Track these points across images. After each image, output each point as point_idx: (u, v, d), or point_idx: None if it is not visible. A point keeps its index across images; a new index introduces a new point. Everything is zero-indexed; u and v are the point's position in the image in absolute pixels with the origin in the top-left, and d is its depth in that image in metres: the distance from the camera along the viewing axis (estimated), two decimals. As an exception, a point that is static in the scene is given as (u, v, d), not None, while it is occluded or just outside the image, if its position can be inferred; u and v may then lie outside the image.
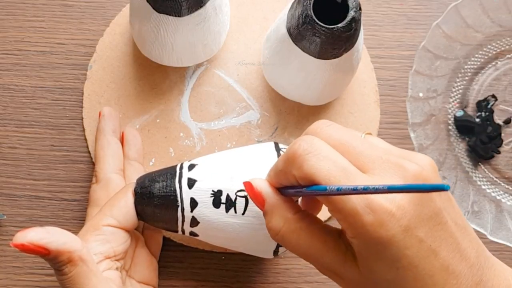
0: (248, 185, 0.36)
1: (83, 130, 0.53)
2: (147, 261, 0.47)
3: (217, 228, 0.42)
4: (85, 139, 0.53)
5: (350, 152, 0.33)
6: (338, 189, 0.31)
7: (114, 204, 0.44)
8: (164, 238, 0.51)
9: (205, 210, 0.42)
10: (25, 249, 0.36)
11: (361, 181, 0.32)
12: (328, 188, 0.31)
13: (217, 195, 0.42)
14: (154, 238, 0.49)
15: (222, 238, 0.43)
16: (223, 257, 0.52)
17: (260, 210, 0.37)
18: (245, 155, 0.44)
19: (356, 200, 0.31)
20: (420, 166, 0.32)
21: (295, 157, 0.33)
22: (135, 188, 0.44)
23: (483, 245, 0.35)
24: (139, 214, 0.44)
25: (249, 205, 0.41)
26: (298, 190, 0.34)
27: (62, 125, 0.54)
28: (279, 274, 0.52)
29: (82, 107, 0.54)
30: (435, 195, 0.32)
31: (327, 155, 0.32)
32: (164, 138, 0.53)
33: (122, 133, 0.52)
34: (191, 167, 0.44)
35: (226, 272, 0.51)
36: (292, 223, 0.35)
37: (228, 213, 0.42)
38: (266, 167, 0.42)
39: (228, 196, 0.42)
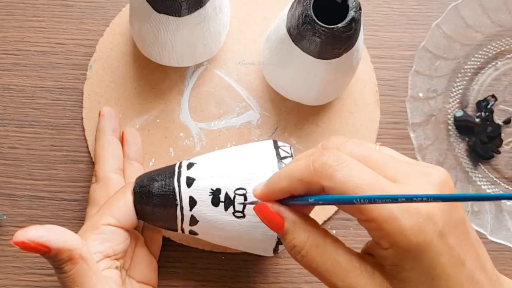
0: (262, 207, 0.35)
1: (83, 130, 0.53)
2: (146, 260, 0.47)
3: (216, 226, 0.42)
4: (85, 139, 0.53)
5: (374, 165, 0.33)
6: (372, 198, 0.30)
7: (114, 203, 0.44)
8: (164, 238, 0.51)
9: (204, 209, 0.42)
10: (25, 247, 0.36)
11: (395, 189, 0.31)
12: (357, 197, 0.31)
13: (215, 193, 0.42)
14: (154, 238, 0.49)
15: (222, 236, 0.43)
16: (223, 257, 0.52)
17: None
18: (244, 153, 0.44)
19: (392, 206, 0.30)
20: (444, 174, 0.33)
21: (325, 168, 0.32)
22: (134, 187, 0.44)
23: None
24: (139, 213, 0.44)
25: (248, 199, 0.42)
26: (319, 198, 0.33)
27: (62, 125, 0.54)
28: (279, 274, 0.52)
29: (82, 107, 0.54)
30: (459, 204, 0.32)
31: (357, 166, 0.32)
32: (164, 138, 0.53)
33: (122, 133, 0.52)
34: (189, 165, 0.44)
35: (226, 272, 0.51)
36: (317, 237, 0.34)
37: (227, 211, 0.42)
38: (265, 165, 0.42)
39: (227, 194, 0.42)
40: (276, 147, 0.44)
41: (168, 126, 0.53)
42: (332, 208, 0.52)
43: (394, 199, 0.29)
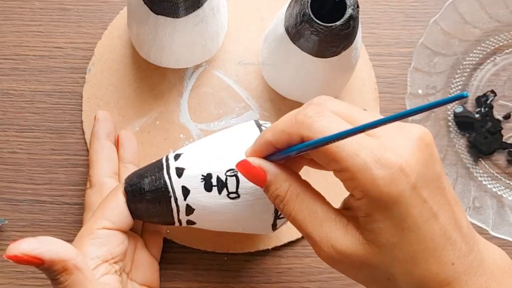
0: (244, 163, 0.37)
1: (83, 134, 0.53)
2: (147, 263, 0.47)
3: (213, 211, 0.43)
4: (85, 142, 0.53)
5: (354, 121, 0.34)
6: (341, 134, 0.31)
7: (106, 206, 0.44)
8: (166, 240, 0.51)
9: (198, 196, 0.42)
10: (19, 260, 0.36)
11: (369, 143, 0.32)
12: (329, 137, 0.32)
13: (207, 178, 0.42)
14: (154, 239, 0.49)
15: (219, 221, 0.43)
16: (226, 258, 0.52)
17: (253, 185, 0.38)
18: (228, 136, 0.44)
19: (365, 156, 0.32)
20: (421, 129, 0.34)
21: (305, 119, 0.34)
22: (125, 188, 0.44)
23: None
24: (133, 212, 0.44)
25: (240, 182, 0.42)
26: (295, 148, 0.34)
27: (62, 129, 0.54)
28: (282, 273, 0.51)
29: (81, 110, 0.54)
30: (436, 159, 0.33)
31: (336, 118, 0.33)
32: (164, 139, 0.53)
33: (117, 136, 0.51)
34: (176, 157, 0.44)
35: (228, 272, 0.51)
36: (298, 186, 0.36)
37: (221, 194, 0.42)
38: (249, 145, 0.42)
39: (218, 177, 0.42)
40: (259, 125, 0.44)
41: (168, 127, 0.53)
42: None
43: (358, 130, 0.30)
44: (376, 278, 0.34)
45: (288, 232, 0.51)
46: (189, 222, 0.44)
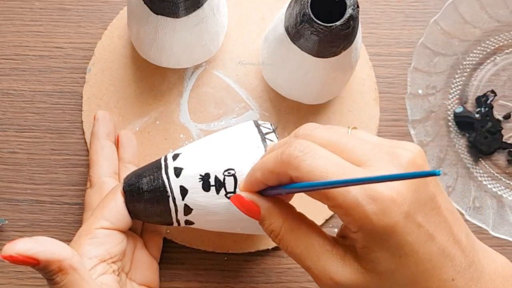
0: (237, 197, 0.37)
1: (83, 134, 0.53)
2: (147, 263, 0.47)
3: (211, 211, 0.43)
4: (85, 142, 0.53)
5: (342, 150, 0.34)
6: (333, 183, 0.31)
7: (104, 206, 0.44)
8: (166, 240, 0.51)
9: (196, 196, 0.42)
10: (14, 260, 0.36)
11: (358, 173, 0.32)
12: (316, 184, 0.32)
13: (205, 178, 0.42)
14: (154, 239, 0.49)
15: (218, 221, 0.43)
16: (226, 258, 0.51)
17: None
18: (227, 136, 0.44)
19: (356, 192, 0.32)
20: (413, 152, 0.33)
21: (291, 159, 0.33)
22: (123, 187, 0.44)
23: (469, 229, 0.36)
24: (132, 212, 0.44)
25: (238, 182, 0.42)
26: (285, 189, 0.34)
27: (62, 129, 0.54)
28: (282, 273, 0.52)
29: (81, 110, 0.54)
30: (429, 180, 0.33)
31: (322, 154, 0.33)
32: (164, 140, 0.53)
33: (117, 136, 0.51)
34: (175, 156, 0.44)
35: (228, 272, 0.51)
36: (292, 221, 0.36)
37: (219, 194, 0.42)
38: (249, 143, 0.42)
39: (216, 177, 0.42)
40: (257, 125, 0.44)
41: (168, 127, 0.53)
42: None
43: (351, 181, 0.30)
44: None
45: (288, 232, 0.51)
46: (188, 222, 0.44)
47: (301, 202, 0.41)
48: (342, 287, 0.34)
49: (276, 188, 0.36)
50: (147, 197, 0.43)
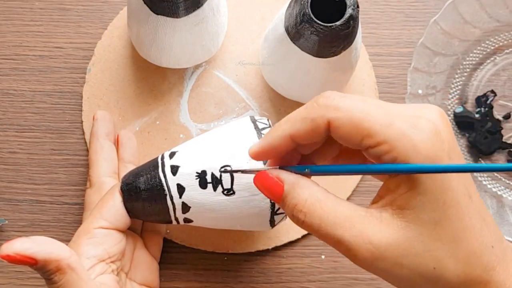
0: (262, 174, 0.34)
1: (83, 134, 0.53)
2: (147, 262, 0.47)
3: (209, 209, 0.43)
4: (85, 142, 0.53)
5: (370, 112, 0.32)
6: (371, 168, 0.30)
7: (103, 206, 0.44)
8: (166, 240, 0.51)
9: (193, 193, 0.42)
10: (11, 260, 0.36)
11: (398, 110, 0.31)
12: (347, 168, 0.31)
13: (201, 176, 0.42)
14: (154, 239, 0.49)
15: (216, 218, 0.43)
16: (226, 258, 0.51)
17: (248, 181, 0.37)
18: (223, 132, 0.44)
19: (400, 124, 0.30)
20: (439, 108, 0.32)
21: (328, 100, 0.32)
22: (121, 187, 0.44)
23: None
24: (130, 211, 0.44)
25: (235, 179, 0.42)
26: (314, 169, 0.33)
27: (62, 129, 0.54)
28: (282, 273, 0.51)
29: (81, 110, 0.54)
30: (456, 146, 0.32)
31: (360, 97, 0.32)
32: (164, 140, 0.53)
33: (117, 135, 0.51)
34: (171, 155, 0.44)
35: (228, 272, 0.51)
36: (318, 192, 0.33)
37: (216, 191, 0.42)
38: (245, 139, 0.42)
39: (213, 174, 0.42)
40: (253, 121, 0.44)
41: (168, 127, 0.53)
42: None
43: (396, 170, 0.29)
44: (421, 270, 0.31)
45: (288, 232, 0.51)
46: (186, 220, 0.44)
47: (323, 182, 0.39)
48: (383, 250, 0.31)
49: (304, 170, 0.33)
50: (144, 196, 0.43)
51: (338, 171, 0.32)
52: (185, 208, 0.43)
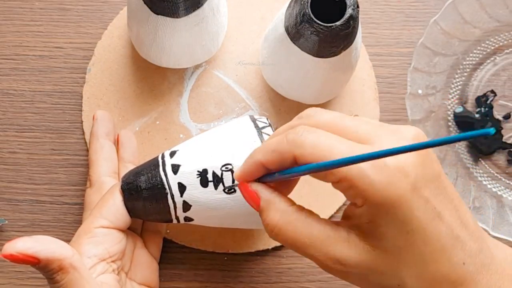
0: (243, 186, 0.36)
1: (83, 134, 0.53)
2: (146, 262, 0.47)
3: (210, 207, 0.43)
4: (85, 142, 0.53)
5: (345, 128, 0.34)
6: (336, 162, 0.30)
7: (103, 205, 0.44)
8: (166, 240, 0.51)
9: (195, 192, 0.42)
10: (14, 259, 0.36)
11: (363, 149, 0.32)
12: (327, 163, 0.31)
13: (203, 174, 0.42)
14: (154, 239, 0.49)
15: (217, 217, 0.43)
16: (226, 258, 0.52)
17: None
18: (223, 131, 0.44)
19: (361, 163, 0.31)
20: (415, 130, 0.33)
21: (295, 137, 0.33)
22: (121, 186, 0.44)
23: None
24: (131, 211, 0.44)
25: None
26: (290, 171, 0.34)
27: (62, 129, 0.54)
28: (282, 273, 0.52)
29: (81, 110, 0.54)
30: (434, 159, 0.33)
31: (326, 133, 0.33)
32: (164, 139, 0.53)
33: (117, 135, 0.51)
34: (172, 154, 0.44)
35: (229, 272, 0.51)
36: (289, 214, 0.34)
37: (217, 189, 0.42)
38: (246, 137, 0.42)
39: (214, 173, 0.42)
40: (253, 120, 0.44)
41: (168, 127, 0.53)
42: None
43: (358, 159, 0.30)
44: (386, 285, 0.33)
45: (288, 232, 0.51)
46: (187, 219, 0.44)
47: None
48: (350, 268, 0.33)
49: (273, 175, 0.35)
50: (145, 195, 0.43)
51: (309, 168, 0.33)
52: (186, 206, 0.43)
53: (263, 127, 0.44)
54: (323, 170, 0.32)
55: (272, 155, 0.34)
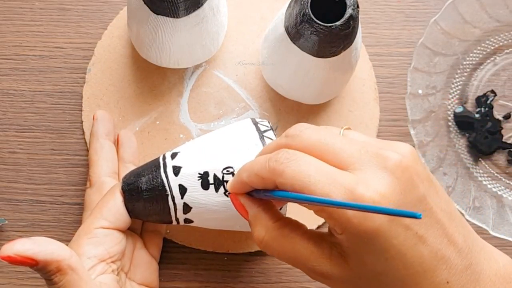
0: (233, 198, 0.37)
1: (83, 134, 0.53)
2: (146, 262, 0.47)
3: (210, 209, 0.43)
4: (85, 142, 0.53)
5: (330, 150, 0.34)
6: (308, 199, 0.32)
7: (103, 206, 0.44)
8: (166, 240, 0.51)
9: (195, 194, 0.42)
10: (12, 261, 0.36)
11: (342, 178, 0.32)
12: (298, 196, 0.32)
13: (204, 176, 0.42)
14: (153, 239, 0.49)
15: (217, 219, 0.44)
16: (226, 258, 0.52)
17: None
18: (225, 134, 0.44)
19: (337, 195, 0.31)
20: (400, 154, 0.33)
21: (276, 165, 0.33)
22: (122, 187, 0.44)
23: (471, 229, 0.35)
24: (131, 211, 0.44)
25: None
26: (271, 194, 0.35)
27: (62, 129, 0.54)
28: (282, 273, 0.52)
29: (81, 110, 0.54)
30: (419, 181, 0.33)
31: (307, 160, 0.33)
32: (164, 140, 0.53)
33: (117, 135, 0.51)
34: (173, 155, 0.44)
35: (228, 272, 0.51)
36: (273, 230, 0.36)
37: (218, 192, 0.42)
38: (247, 141, 0.42)
39: (215, 175, 0.42)
40: (255, 123, 0.44)
41: (168, 127, 0.53)
42: None
43: (330, 203, 0.31)
44: None
45: (288, 232, 0.51)
46: (187, 221, 0.44)
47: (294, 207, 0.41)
48: (333, 279, 0.34)
49: (261, 192, 0.36)
50: (146, 196, 0.43)
51: (289, 197, 0.34)
52: (187, 208, 0.43)
53: (265, 131, 0.44)
54: (300, 202, 0.33)
55: (255, 177, 0.35)
